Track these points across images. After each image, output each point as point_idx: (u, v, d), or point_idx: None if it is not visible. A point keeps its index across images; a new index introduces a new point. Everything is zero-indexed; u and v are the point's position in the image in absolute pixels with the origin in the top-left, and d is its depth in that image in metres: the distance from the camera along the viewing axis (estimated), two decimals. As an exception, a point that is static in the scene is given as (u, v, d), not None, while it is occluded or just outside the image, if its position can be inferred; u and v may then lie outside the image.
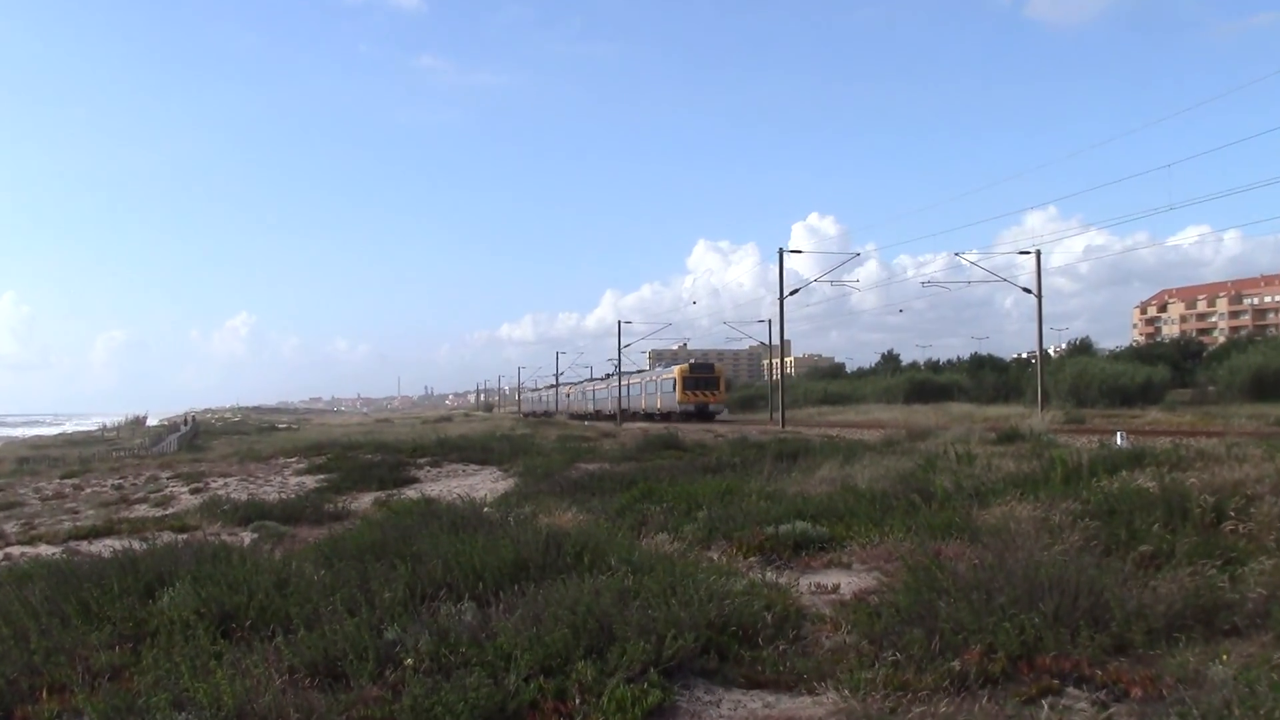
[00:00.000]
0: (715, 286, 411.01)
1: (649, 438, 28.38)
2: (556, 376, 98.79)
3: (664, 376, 59.62)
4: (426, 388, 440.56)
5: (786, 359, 77.72)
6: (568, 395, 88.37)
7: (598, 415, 69.46)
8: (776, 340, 53.18)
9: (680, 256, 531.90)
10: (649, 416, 58.26)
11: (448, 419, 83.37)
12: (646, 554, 7.07)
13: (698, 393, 55.49)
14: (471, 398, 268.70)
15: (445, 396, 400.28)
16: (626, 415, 61.79)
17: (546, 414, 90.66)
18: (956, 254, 44.99)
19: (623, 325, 73.52)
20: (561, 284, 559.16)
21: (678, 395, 55.88)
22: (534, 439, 34.23)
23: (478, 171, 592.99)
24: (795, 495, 11.05)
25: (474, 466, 24.39)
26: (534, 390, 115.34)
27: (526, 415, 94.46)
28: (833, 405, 69.54)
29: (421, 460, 25.22)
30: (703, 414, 53.79)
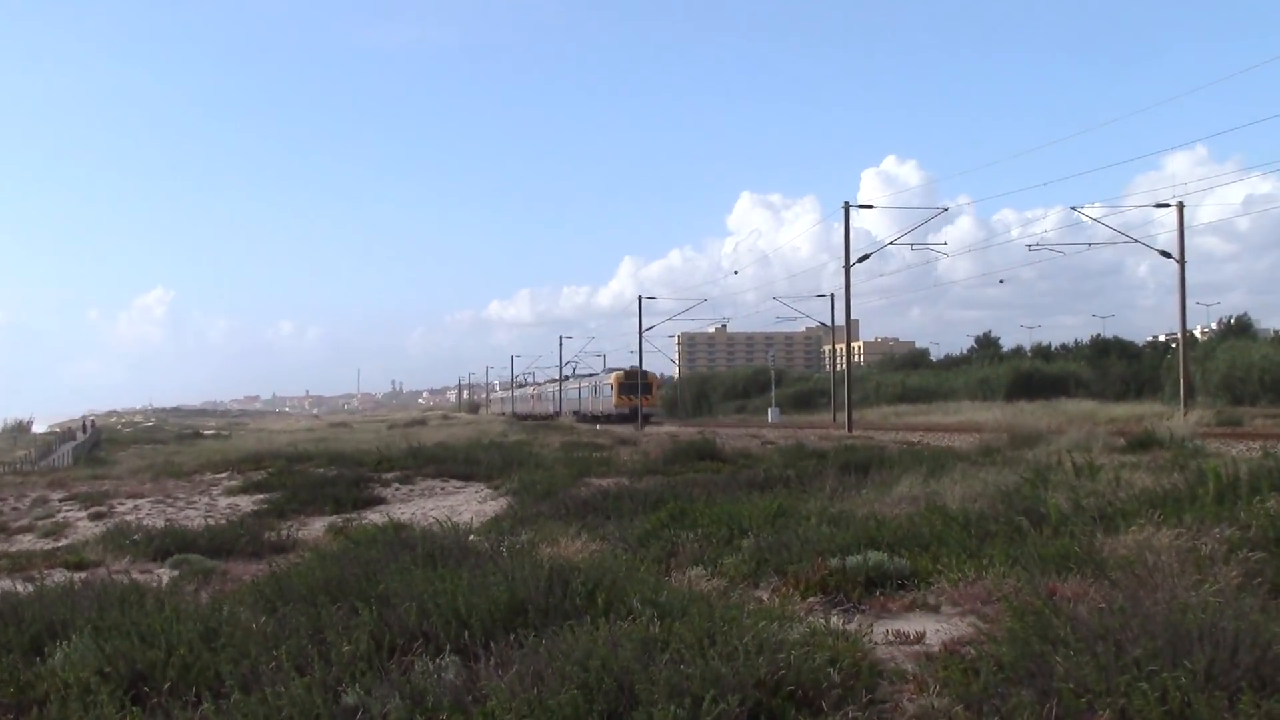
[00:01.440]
0: (763, 251, 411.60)
1: (678, 446, 28.48)
2: (560, 368, 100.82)
3: (604, 382, 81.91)
4: (394, 383, 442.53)
5: (854, 343, 77.71)
6: (532, 395, 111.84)
7: (556, 416, 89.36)
8: (841, 319, 53.02)
9: (719, 214, 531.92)
10: (593, 419, 78.54)
11: (421, 422, 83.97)
12: (677, 594, 7.07)
13: (631, 397, 75.74)
14: (451, 395, 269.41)
15: (418, 394, 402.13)
16: (580, 417, 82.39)
17: (547, 415, 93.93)
18: (1074, 208, 44.79)
19: (644, 302, 74.12)
20: (567, 251, 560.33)
21: (614, 399, 77.49)
22: (531, 447, 34.42)
23: (459, 110, 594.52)
24: (866, 518, 11.05)
25: (456, 483, 24.59)
26: (531, 386, 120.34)
27: (522, 417, 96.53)
28: (913, 403, 69.44)
29: (389, 475, 25.46)
30: (634, 417, 72.63)
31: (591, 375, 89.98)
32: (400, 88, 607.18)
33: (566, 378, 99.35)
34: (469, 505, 19.97)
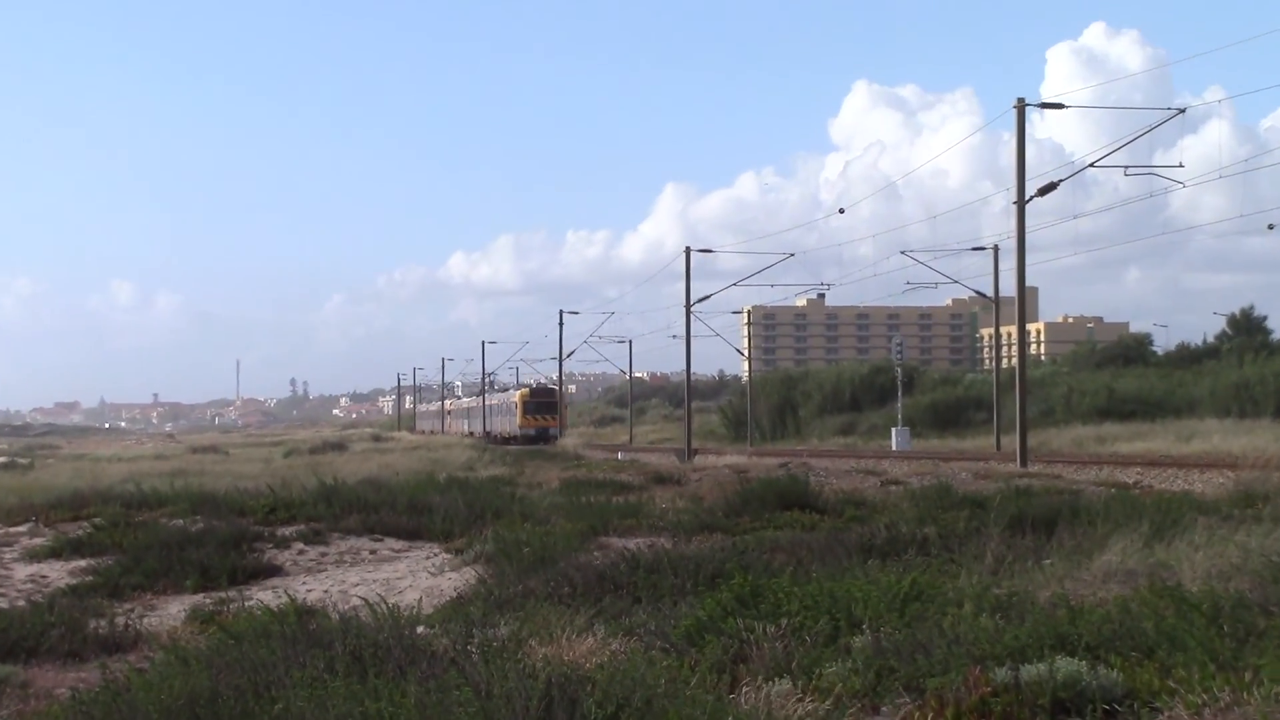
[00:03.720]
0: (888, 178, 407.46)
1: (749, 487, 28.41)
2: (560, 360, 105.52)
3: (510, 400, 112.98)
4: (295, 384, 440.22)
5: (1030, 325, 77.22)
6: (448, 412, 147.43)
7: (472, 437, 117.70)
8: (1009, 286, 52.61)
9: (818, 118, 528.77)
10: (503, 440, 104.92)
11: (339, 446, 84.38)
12: (749, 722, 7.06)
13: (537, 417, 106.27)
14: (387, 403, 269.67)
15: (334, 400, 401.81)
16: (490, 439, 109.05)
17: (538, 437, 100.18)
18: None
19: (695, 256, 73.81)
20: (574, 177, 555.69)
21: (518, 419, 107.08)
22: (514, 487, 34.41)
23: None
24: (1052, 604, 10.98)
25: (394, 543, 24.70)
26: (450, 401, 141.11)
27: (500, 440, 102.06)
28: (1126, 420, 68.95)
29: (287, 531, 25.56)
30: (542, 438, 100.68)
31: (505, 390, 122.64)
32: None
33: (478, 393, 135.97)
34: (416, 579, 20.01)
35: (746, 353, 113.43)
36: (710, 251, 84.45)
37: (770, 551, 17.42)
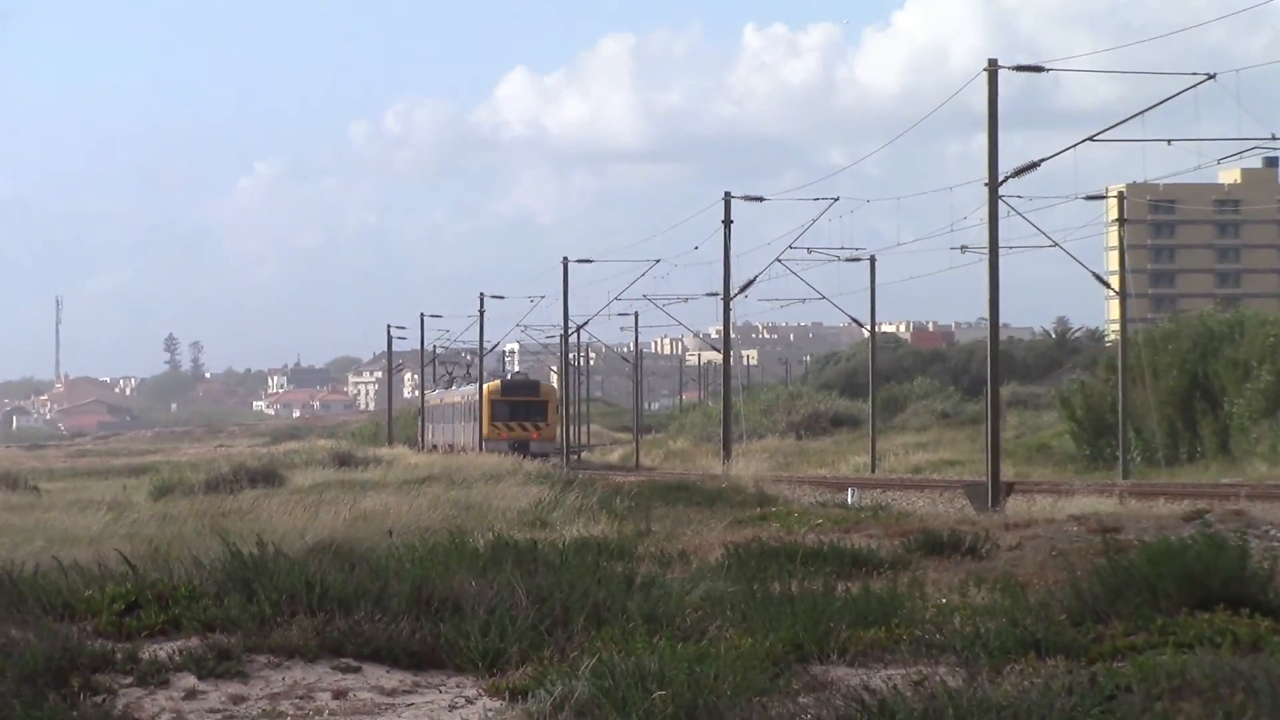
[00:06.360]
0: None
1: (1121, 563, 27.51)
2: (725, 298, 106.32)
3: (471, 399, 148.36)
4: (178, 349, 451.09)
5: None
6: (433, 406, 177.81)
7: (450, 449, 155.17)
8: None
9: None
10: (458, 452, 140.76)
11: (267, 476, 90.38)
12: None
13: (513, 424, 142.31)
14: (367, 391, 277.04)
15: (260, 380, 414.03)
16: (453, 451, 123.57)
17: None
18: None
19: (1007, 74, 73.84)
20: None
21: (484, 427, 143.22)
22: (630, 561, 34.69)
23: None
24: None
25: (387, 677, 24.29)
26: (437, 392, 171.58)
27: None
28: None
29: (163, 651, 24.80)
30: (522, 453, 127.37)
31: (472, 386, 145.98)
32: None
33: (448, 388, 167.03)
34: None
35: (1116, 283, 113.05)
36: (1041, 70, 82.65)
37: (1170, 697, 16.52)
